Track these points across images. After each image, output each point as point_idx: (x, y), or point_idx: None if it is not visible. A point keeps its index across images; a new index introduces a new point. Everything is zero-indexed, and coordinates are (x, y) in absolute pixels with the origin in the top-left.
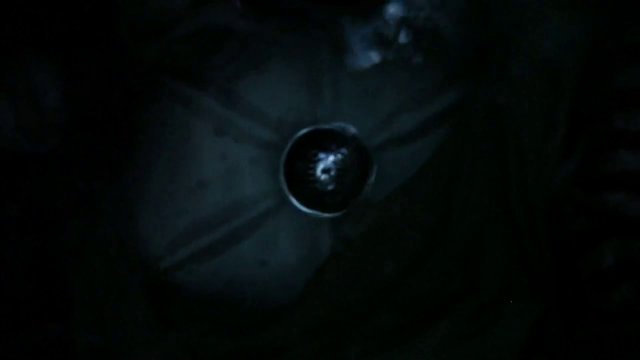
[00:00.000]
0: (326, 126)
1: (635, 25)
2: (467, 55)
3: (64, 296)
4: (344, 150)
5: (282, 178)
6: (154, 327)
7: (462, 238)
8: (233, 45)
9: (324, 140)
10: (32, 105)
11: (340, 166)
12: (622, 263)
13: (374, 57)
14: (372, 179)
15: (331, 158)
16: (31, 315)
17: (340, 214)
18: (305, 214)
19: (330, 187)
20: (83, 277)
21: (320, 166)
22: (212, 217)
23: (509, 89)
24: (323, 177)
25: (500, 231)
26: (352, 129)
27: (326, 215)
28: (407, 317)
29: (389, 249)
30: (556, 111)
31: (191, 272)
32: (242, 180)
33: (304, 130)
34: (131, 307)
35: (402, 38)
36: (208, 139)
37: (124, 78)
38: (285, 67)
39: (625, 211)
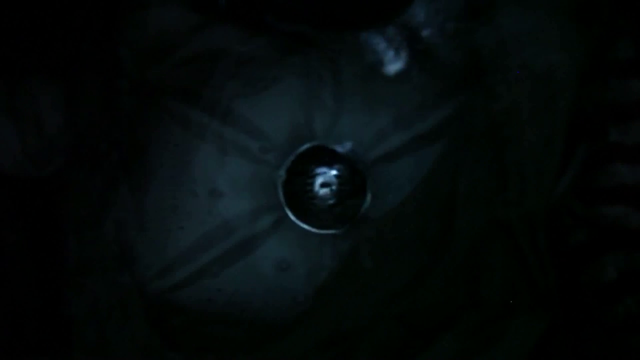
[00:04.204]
0: (325, 142)
1: (629, 39)
2: (463, 70)
3: (64, 321)
4: (342, 166)
5: (281, 195)
6: (156, 347)
7: (463, 252)
8: (232, 67)
9: (323, 156)
10: (37, 130)
11: (339, 182)
12: (625, 276)
13: (372, 74)
14: (371, 194)
15: (330, 174)
16: (31, 342)
17: (340, 230)
18: (306, 230)
19: (329, 203)
20: (84, 299)
21: (319, 182)
22: (212, 235)
23: (505, 103)
24: (322, 192)
25: (501, 245)
26: (351, 145)
27: (326, 231)
28: (410, 332)
29: (390, 264)
30: (553, 124)
31: (192, 290)
32: (242, 197)
33: (303, 147)
34: (133, 328)
35: (399, 57)
36: (208, 158)
37: (125, 100)
38: (283, 86)
39: (626, 224)
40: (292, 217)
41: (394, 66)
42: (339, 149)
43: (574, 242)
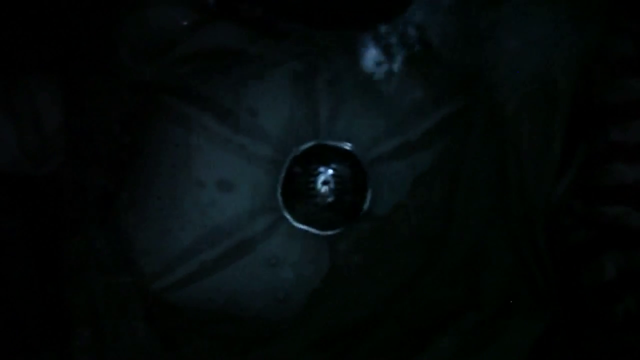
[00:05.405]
0: (325, 141)
1: (628, 37)
2: (463, 71)
3: (63, 320)
4: (343, 165)
5: (281, 194)
6: (155, 347)
7: (462, 252)
8: (232, 65)
9: (324, 156)
10: (34, 128)
11: (338, 181)
12: (625, 275)
13: (372, 74)
14: (371, 193)
15: (330, 173)
16: (30, 341)
17: (340, 229)
18: (305, 229)
19: (329, 202)
20: (83, 297)
21: (320, 181)
22: (212, 234)
23: (505, 103)
24: (323, 191)
25: (500, 244)
26: (350, 144)
27: (325, 230)
28: (409, 332)
29: (389, 263)
30: (553, 123)
31: (191, 290)
32: (242, 197)
33: (304, 146)
34: (131, 326)
35: (399, 57)
36: (208, 157)
37: (124, 98)
38: (284, 85)
39: (626, 223)
40: (292, 218)
41: (393, 66)
42: (340, 148)
43: (574, 241)
